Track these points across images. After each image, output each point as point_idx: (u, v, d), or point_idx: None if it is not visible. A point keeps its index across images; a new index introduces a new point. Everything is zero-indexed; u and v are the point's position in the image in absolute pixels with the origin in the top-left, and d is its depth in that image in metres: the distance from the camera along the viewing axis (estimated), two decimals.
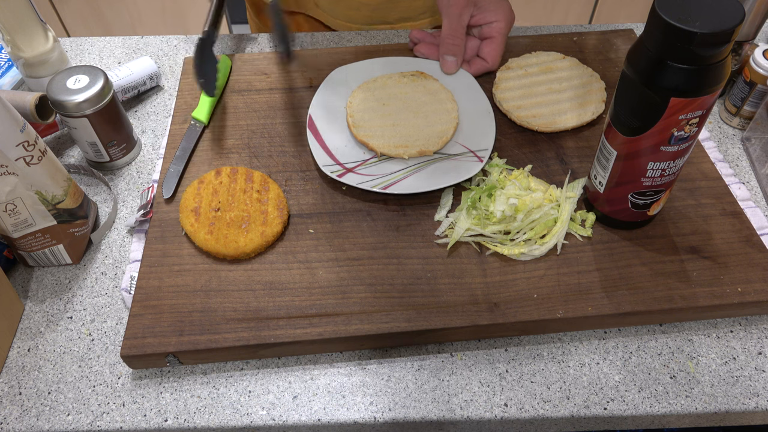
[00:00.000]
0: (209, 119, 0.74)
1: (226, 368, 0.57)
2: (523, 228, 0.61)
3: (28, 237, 0.59)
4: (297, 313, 0.57)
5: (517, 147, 0.70)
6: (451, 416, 0.53)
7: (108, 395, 0.55)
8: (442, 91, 0.74)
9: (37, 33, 0.74)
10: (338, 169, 0.66)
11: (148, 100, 0.81)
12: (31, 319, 0.60)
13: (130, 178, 0.72)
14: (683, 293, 0.57)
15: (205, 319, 0.56)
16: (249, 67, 0.80)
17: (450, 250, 0.61)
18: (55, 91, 0.65)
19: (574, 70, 0.76)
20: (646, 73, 0.49)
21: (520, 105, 0.72)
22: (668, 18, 0.46)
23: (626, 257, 0.60)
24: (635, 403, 0.54)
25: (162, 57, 0.87)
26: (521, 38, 0.83)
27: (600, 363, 0.56)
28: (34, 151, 0.56)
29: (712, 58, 0.47)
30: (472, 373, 0.56)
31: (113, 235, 0.67)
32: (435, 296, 0.57)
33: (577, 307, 0.56)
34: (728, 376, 0.55)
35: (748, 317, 0.59)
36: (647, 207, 0.59)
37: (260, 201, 0.63)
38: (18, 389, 0.56)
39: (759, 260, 0.60)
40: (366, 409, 0.54)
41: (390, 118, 0.71)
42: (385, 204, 0.65)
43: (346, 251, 0.61)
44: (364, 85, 0.75)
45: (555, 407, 0.54)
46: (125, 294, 0.60)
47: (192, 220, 0.61)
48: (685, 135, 0.52)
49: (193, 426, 0.53)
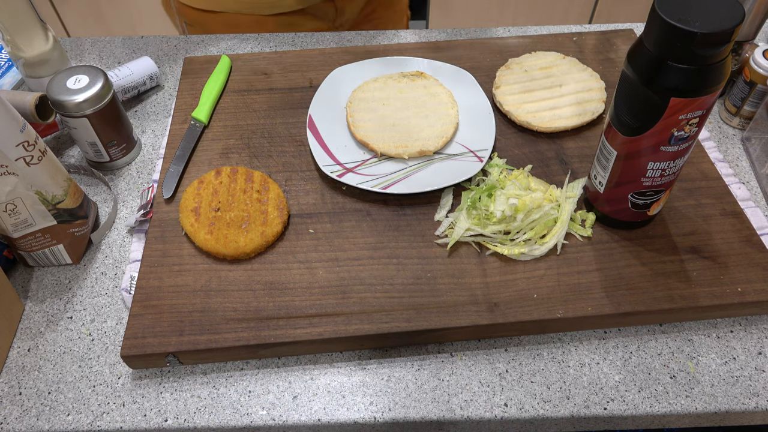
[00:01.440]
0: (209, 119, 0.74)
1: (226, 368, 0.57)
2: (523, 228, 0.61)
3: (28, 237, 0.59)
4: (297, 313, 0.57)
5: (517, 147, 0.70)
6: (451, 416, 0.53)
7: (108, 395, 0.55)
8: (443, 91, 0.74)
9: (37, 33, 0.74)
10: (338, 169, 0.66)
11: (148, 100, 0.81)
12: (31, 319, 0.60)
13: (130, 178, 0.72)
14: (683, 293, 0.57)
15: (205, 319, 0.56)
16: (249, 67, 0.80)
17: (450, 250, 0.61)
18: (55, 91, 0.65)
19: (574, 70, 0.76)
20: (646, 73, 0.49)
21: (520, 105, 0.72)
22: (668, 18, 0.46)
23: (626, 257, 0.60)
24: (635, 403, 0.54)
25: (162, 57, 0.87)
26: (521, 38, 0.83)
27: (600, 363, 0.56)
28: (34, 151, 0.56)
29: (712, 58, 0.47)
30: (472, 373, 0.56)
31: (113, 235, 0.67)
32: (435, 296, 0.57)
33: (577, 307, 0.56)
34: (728, 376, 0.55)
35: (748, 317, 0.59)
36: (647, 207, 0.59)
37: (260, 201, 0.63)
38: (18, 389, 0.56)
39: (759, 260, 0.60)
40: (366, 409, 0.54)
41: (390, 118, 0.71)
42: (385, 204, 0.65)
43: (346, 251, 0.61)
44: (364, 85, 0.75)
45: (555, 407, 0.54)
46: (125, 294, 0.60)
47: (192, 220, 0.61)
48: (685, 135, 0.52)
49: (193, 426, 0.53)
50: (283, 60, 0.81)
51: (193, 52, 0.88)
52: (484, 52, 0.81)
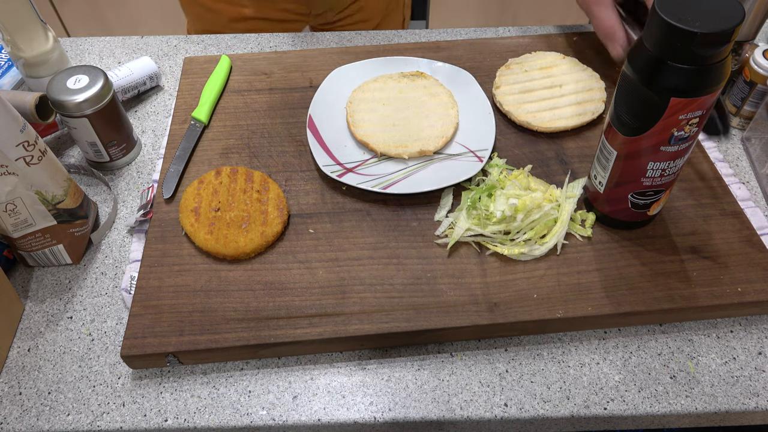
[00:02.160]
0: (209, 119, 0.74)
1: (226, 368, 0.57)
2: (523, 228, 0.61)
3: (28, 237, 0.59)
4: (297, 313, 0.57)
5: (517, 147, 0.70)
6: (451, 416, 0.53)
7: (108, 395, 0.55)
8: (443, 91, 0.74)
9: (37, 33, 0.74)
10: (338, 169, 0.66)
11: (148, 100, 0.81)
12: (31, 319, 0.60)
13: (130, 178, 0.72)
14: (683, 293, 0.57)
15: (205, 319, 0.56)
16: (249, 67, 0.80)
17: (450, 250, 0.61)
18: (55, 91, 0.65)
19: (574, 70, 0.76)
20: (646, 73, 0.49)
21: (520, 105, 0.72)
22: (668, 18, 0.46)
23: (626, 257, 0.60)
24: (635, 403, 0.54)
25: (162, 57, 0.87)
26: (521, 38, 0.83)
27: (600, 363, 0.56)
28: (34, 151, 0.56)
29: (712, 58, 0.47)
30: (472, 373, 0.56)
31: (113, 235, 0.67)
32: (435, 296, 0.57)
33: (577, 307, 0.56)
34: (728, 376, 0.55)
35: (748, 317, 0.59)
36: (647, 207, 0.59)
37: (260, 201, 0.63)
38: (18, 389, 0.56)
39: (759, 260, 0.60)
40: (366, 409, 0.54)
41: (390, 118, 0.71)
42: (385, 204, 0.65)
43: (346, 251, 0.61)
44: (364, 85, 0.75)
45: (555, 407, 0.54)
46: (125, 294, 0.60)
47: (192, 220, 0.61)
48: (685, 135, 0.52)
49: (193, 426, 0.53)
50: (283, 60, 0.81)
51: (193, 52, 0.88)
52: (484, 52, 0.81)
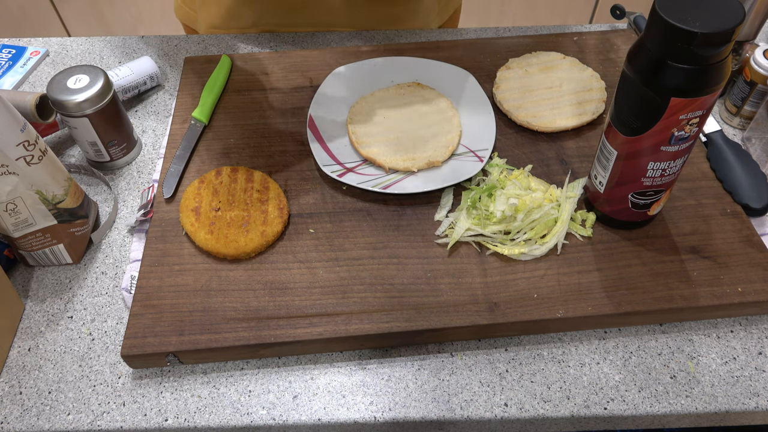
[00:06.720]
0: (209, 119, 0.74)
1: (227, 368, 0.57)
2: (524, 228, 0.61)
3: (29, 236, 0.59)
4: (297, 312, 0.57)
5: (517, 147, 0.70)
6: (451, 416, 0.53)
7: (108, 395, 0.55)
8: (441, 99, 0.73)
9: None
10: (338, 168, 0.66)
11: (149, 99, 0.81)
12: (32, 319, 0.60)
13: (130, 178, 0.72)
14: (683, 293, 0.57)
15: (206, 318, 0.56)
16: (249, 67, 0.80)
17: (450, 250, 0.61)
18: (56, 91, 0.65)
19: (574, 70, 0.76)
20: (647, 73, 0.49)
21: (520, 105, 0.72)
22: (668, 18, 0.46)
23: (626, 257, 0.60)
24: (635, 403, 0.54)
25: (162, 57, 0.87)
26: (521, 38, 0.83)
27: (600, 363, 0.56)
28: (35, 150, 0.56)
29: (712, 58, 0.47)
30: (472, 373, 0.56)
31: (113, 235, 0.67)
32: (435, 296, 0.57)
33: (577, 307, 0.56)
34: (728, 376, 0.55)
35: (748, 317, 0.59)
36: (647, 207, 0.59)
37: (260, 201, 0.63)
38: (18, 389, 0.56)
39: (759, 260, 0.60)
40: (366, 409, 0.54)
41: (393, 131, 0.70)
42: (385, 204, 0.65)
43: (346, 251, 0.61)
44: (361, 100, 0.74)
45: (555, 407, 0.54)
46: (125, 294, 0.60)
47: (192, 220, 0.62)
48: (685, 135, 0.52)
49: (194, 426, 0.53)
50: (283, 60, 0.81)
51: (193, 52, 0.88)
52: (484, 52, 0.81)
